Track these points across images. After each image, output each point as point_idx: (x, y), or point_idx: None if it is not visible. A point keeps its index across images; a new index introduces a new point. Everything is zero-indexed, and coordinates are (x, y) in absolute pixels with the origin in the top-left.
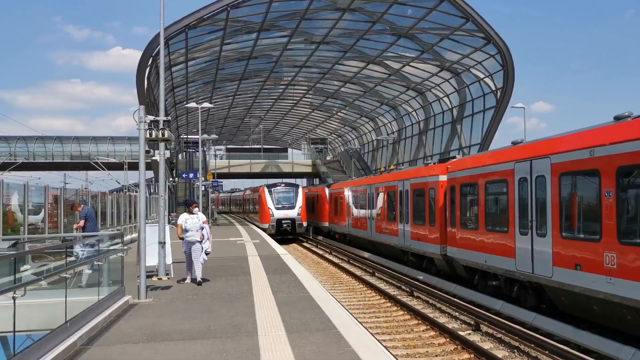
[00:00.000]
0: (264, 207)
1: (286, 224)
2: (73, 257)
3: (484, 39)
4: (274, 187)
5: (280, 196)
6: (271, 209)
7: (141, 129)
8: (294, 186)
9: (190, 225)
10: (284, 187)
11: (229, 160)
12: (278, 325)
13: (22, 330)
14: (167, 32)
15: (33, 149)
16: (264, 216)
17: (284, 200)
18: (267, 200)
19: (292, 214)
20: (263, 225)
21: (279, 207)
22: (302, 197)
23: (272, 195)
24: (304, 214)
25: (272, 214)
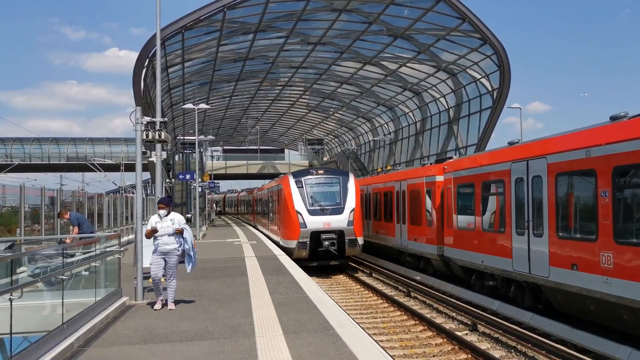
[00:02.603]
0: (288, 211)
1: (328, 240)
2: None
3: (480, 39)
4: (306, 175)
5: (318, 191)
6: (301, 213)
7: (138, 130)
8: (340, 174)
9: (160, 230)
10: (323, 175)
11: (225, 161)
12: (275, 326)
13: (19, 332)
14: (164, 33)
15: (29, 151)
16: (288, 227)
17: (323, 198)
18: (294, 199)
19: (338, 222)
20: (287, 243)
21: (315, 209)
22: (354, 192)
23: (303, 189)
24: (358, 221)
25: (302, 223)
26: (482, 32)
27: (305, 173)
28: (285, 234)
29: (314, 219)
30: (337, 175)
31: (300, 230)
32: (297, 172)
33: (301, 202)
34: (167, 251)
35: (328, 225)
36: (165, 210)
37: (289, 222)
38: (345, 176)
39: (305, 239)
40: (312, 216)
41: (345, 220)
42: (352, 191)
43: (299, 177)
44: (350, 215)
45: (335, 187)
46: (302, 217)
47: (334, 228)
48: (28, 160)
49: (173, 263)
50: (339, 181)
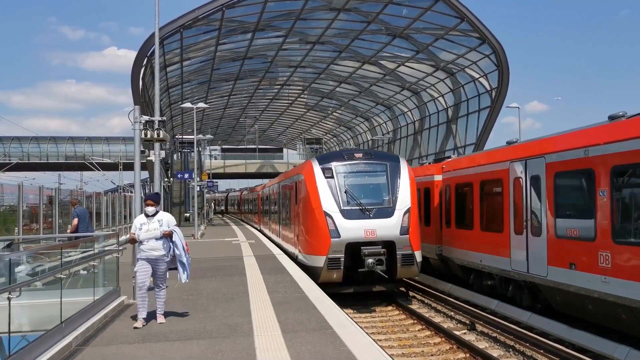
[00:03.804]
0: (311, 212)
1: (373, 256)
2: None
3: (478, 39)
4: (338, 159)
5: (356, 182)
6: (331, 216)
7: (136, 129)
8: (387, 158)
9: (145, 233)
10: (362, 159)
11: (224, 161)
12: (274, 325)
13: (17, 331)
14: (162, 32)
15: (27, 150)
16: (311, 236)
17: (364, 194)
18: (321, 194)
19: (387, 228)
20: (309, 260)
21: (353, 210)
22: (408, 184)
23: (333, 180)
24: (415, 228)
25: (333, 231)
26: (480, 32)
27: (337, 157)
28: (307, 245)
29: (350, 224)
30: (383, 159)
31: (330, 240)
32: (325, 156)
33: (331, 199)
34: (154, 258)
35: (372, 234)
36: (154, 208)
37: (312, 228)
38: (395, 161)
39: (337, 253)
40: (347, 220)
41: (397, 226)
42: (406, 183)
43: (327, 163)
44: (405, 219)
45: (381, 176)
46: (334, 222)
47: (381, 238)
48: (26, 159)
49: (162, 271)
50: (386, 168)
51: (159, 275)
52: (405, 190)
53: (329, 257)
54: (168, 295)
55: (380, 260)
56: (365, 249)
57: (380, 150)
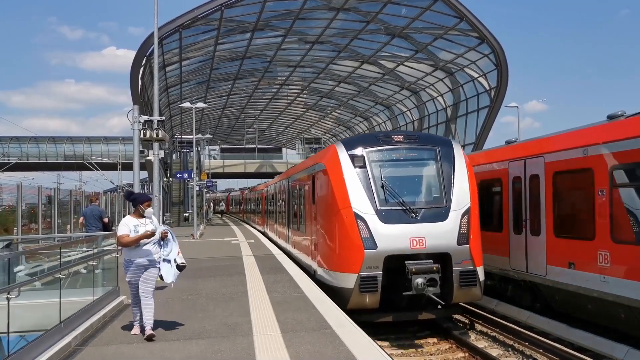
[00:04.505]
0: (335, 214)
1: (422, 272)
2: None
3: (477, 38)
4: (371, 144)
5: (396, 174)
6: (364, 219)
7: (135, 129)
8: (436, 142)
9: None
10: (404, 143)
11: (223, 160)
12: (273, 325)
13: (16, 330)
14: (161, 32)
15: (26, 150)
16: (337, 246)
17: (407, 189)
18: (350, 190)
19: (440, 236)
20: (334, 278)
21: (393, 211)
22: (466, 176)
23: (365, 170)
24: (476, 234)
25: (367, 239)
26: (479, 31)
27: (369, 140)
28: (330, 259)
29: (390, 230)
30: (432, 143)
31: (363, 253)
32: (354, 140)
33: (364, 196)
34: (147, 263)
35: (420, 244)
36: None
37: (338, 236)
38: (447, 146)
39: (373, 270)
40: (386, 225)
41: (453, 233)
42: (463, 174)
43: (357, 148)
44: (464, 223)
45: (430, 166)
46: (367, 227)
47: (433, 249)
48: (25, 159)
49: (153, 277)
50: (436, 155)
51: (150, 280)
52: (462, 183)
53: (361, 275)
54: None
55: (433, 280)
56: (412, 264)
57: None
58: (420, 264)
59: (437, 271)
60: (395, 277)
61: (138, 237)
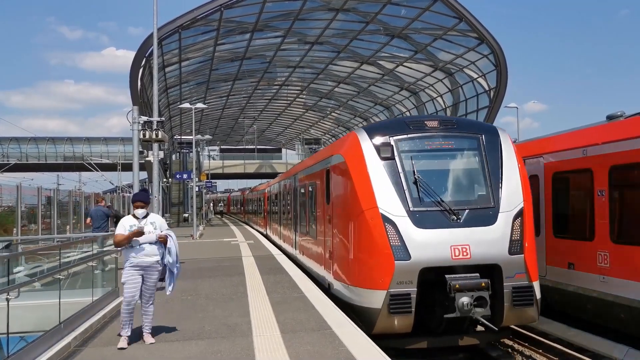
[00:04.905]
0: (359, 216)
1: (467, 289)
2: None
3: (477, 39)
4: (400, 131)
5: (430, 167)
6: (393, 222)
7: (135, 130)
8: (478, 129)
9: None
10: (440, 130)
11: (222, 161)
12: (273, 326)
13: (15, 331)
14: (161, 33)
15: (26, 150)
16: (358, 255)
17: (446, 186)
18: (376, 187)
19: (487, 243)
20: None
21: (429, 213)
22: (516, 168)
23: (394, 163)
24: (531, 241)
25: (397, 248)
26: (479, 32)
27: (397, 127)
28: (350, 271)
29: (427, 236)
30: (474, 130)
31: (393, 264)
32: (379, 127)
33: (393, 194)
34: (147, 265)
35: (463, 253)
36: (145, 210)
37: (361, 243)
38: (491, 134)
39: (406, 286)
40: (422, 229)
41: (504, 240)
42: (513, 167)
43: (383, 136)
44: (516, 227)
45: (472, 157)
46: (398, 233)
47: (479, 259)
48: (25, 160)
49: (153, 282)
50: (479, 144)
51: (150, 286)
52: (513, 178)
53: (391, 292)
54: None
55: (481, 299)
56: (454, 278)
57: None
58: (465, 278)
59: (486, 288)
60: (431, 293)
61: (127, 236)
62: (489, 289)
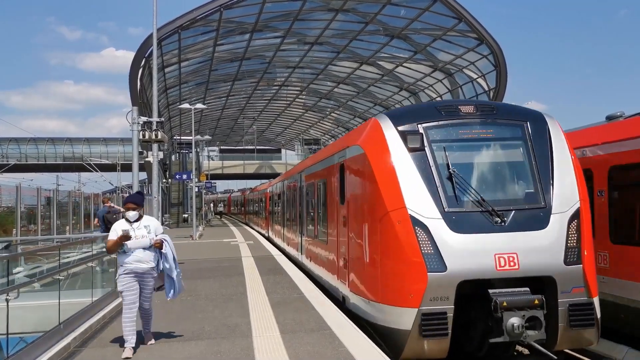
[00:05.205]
0: (383, 218)
1: (518, 309)
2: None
3: (476, 39)
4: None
5: (471, 161)
6: (424, 224)
7: (134, 130)
8: (523, 116)
9: (132, 241)
10: (476, 116)
11: (222, 161)
12: (272, 326)
13: (15, 332)
14: (160, 33)
15: (25, 151)
16: (382, 265)
17: (487, 183)
18: (403, 183)
19: (536, 251)
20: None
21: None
22: (569, 160)
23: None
24: (590, 248)
25: (430, 256)
26: (478, 32)
27: (426, 113)
28: (373, 284)
29: (465, 242)
30: (517, 117)
31: (426, 277)
32: (404, 112)
33: (423, 191)
34: (142, 272)
35: (510, 263)
36: (137, 212)
37: (386, 250)
38: (539, 121)
39: (441, 303)
40: (459, 234)
41: (558, 247)
42: (566, 160)
43: (410, 123)
44: (572, 231)
45: (517, 148)
46: (431, 238)
47: (528, 270)
48: (24, 161)
49: (150, 289)
50: (524, 133)
51: (146, 294)
52: (566, 173)
53: (423, 310)
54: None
55: (534, 319)
56: (500, 294)
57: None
58: (514, 294)
59: (540, 306)
60: (469, 309)
61: (114, 241)
62: (543, 308)
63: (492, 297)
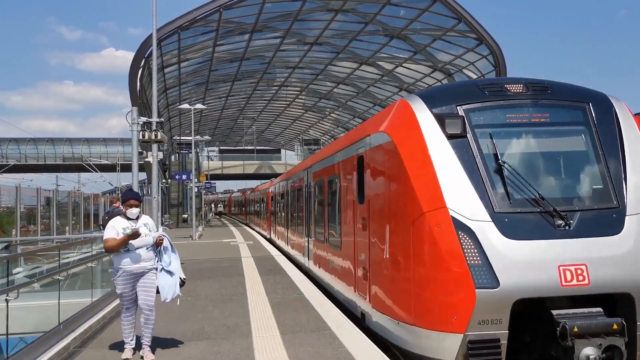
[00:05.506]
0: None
1: (592, 336)
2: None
3: (476, 39)
4: (476, 98)
5: (524, 151)
6: (469, 228)
7: (134, 131)
8: (584, 97)
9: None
10: (529, 96)
11: (222, 162)
12: (272, 327)
13: (15, 332)
14: (160, 34)
15: (25, 151)
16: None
17: (544, 178)
18: (442, 178)
19: (610, 262)
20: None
21: (522, 216)
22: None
23: (469, 142)
24: None
25: (477, 268)
26: (478, 32)
27: (468, 92)
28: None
29: (522, 250)
30: (577, 98)
31: (474, 294)
32: (439, 92)
33: (467, 187)
34: (141, 271)
35: (578, 277)
36: (139, 209)
37: (421, 260)
38: (604, 103)
39: (492, 327)
40: (513, 240)
41: (636, 256)
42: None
43: (447, 105)
44: None
45: (580, 135)
46: (479, 246)
47: (600, 286)
48: (24, 161)
49: (152, 291)
50: (588, 117)
51: (147, 296)
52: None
53: (470, 337)
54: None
55: (613, 349)
56: (568, 316)
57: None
58: (585, 316)
59: (619, 332)
60: (525, 333)
61: (121, 240)
62: (624, 334)
63: (558, 320)
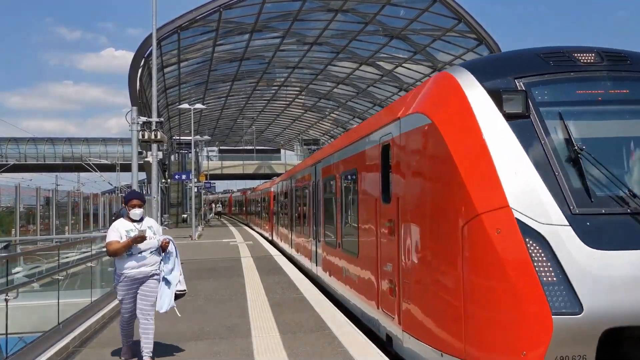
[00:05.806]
0: (465, 225)
1: None
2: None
3: (476, 39)
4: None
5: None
6: (542, 235)
7: (134, 130)
8: None
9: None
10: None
11: (221, 162)
12: (272, 326)
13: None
14: (160, 33)
15: (24, 151)
16: (465, 296)
17: (627, 171)
18: (501, 169)
19: None
20: None
21: (608, 218)
22: None
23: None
24: None
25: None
26: (477, 33)
27: (528, 62)
28: (456, 330)
29: (610, 263)
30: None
31: (550, 322)
32: (490, 62)
33: (536, 182)
34: (144, 276)
35: None
36: (142, 210)
37: (477, 277)
38: None
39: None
40: (598, 251)
41: None
42: None
43: (502, 78)
44: None
45: None
46: (554, 258)
47: None
48: (23, 161)
49: (153, 293)
50: None
51: (147, 304)
52: None
53: None
54: None
55: None
56: None
57: None
58: None
59: None
60: None
61: (126, 243)
62: None
63: None
